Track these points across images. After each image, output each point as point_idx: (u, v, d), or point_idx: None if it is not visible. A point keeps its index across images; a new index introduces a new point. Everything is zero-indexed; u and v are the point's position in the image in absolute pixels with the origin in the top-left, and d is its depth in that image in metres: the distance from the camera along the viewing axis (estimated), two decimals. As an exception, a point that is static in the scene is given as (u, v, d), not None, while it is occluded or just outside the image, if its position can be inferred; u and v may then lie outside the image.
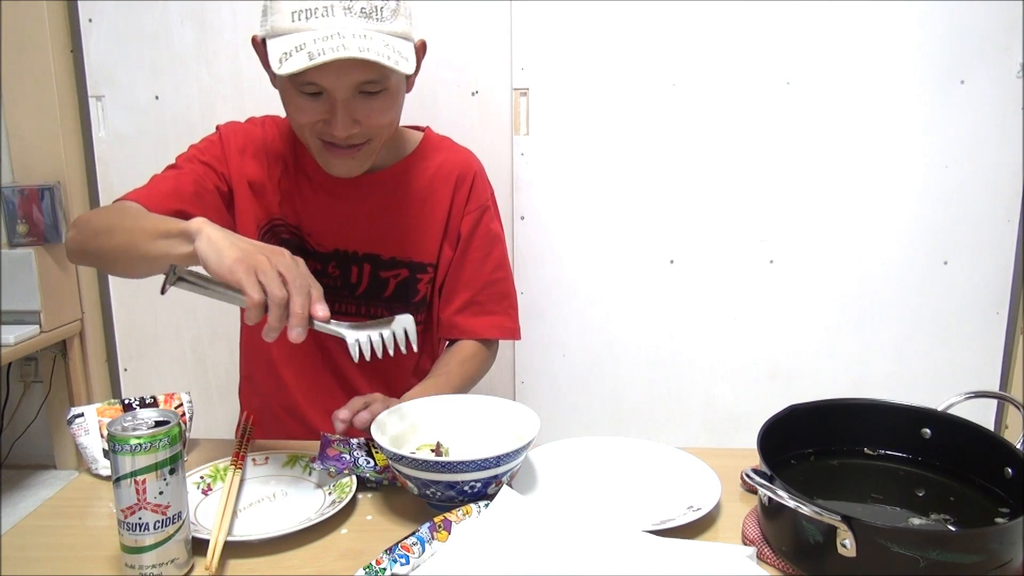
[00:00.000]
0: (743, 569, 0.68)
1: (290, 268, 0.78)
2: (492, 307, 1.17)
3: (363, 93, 0.96)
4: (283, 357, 1.12)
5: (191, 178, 1.03)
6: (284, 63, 0.87)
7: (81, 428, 0.92)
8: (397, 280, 1.12)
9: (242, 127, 1.12)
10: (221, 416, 1.99)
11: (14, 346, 1.81)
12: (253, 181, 1.09)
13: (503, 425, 0.90)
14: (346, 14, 0.89)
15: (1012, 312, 1.86)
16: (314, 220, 1.10)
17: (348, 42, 0.88)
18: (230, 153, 1.08)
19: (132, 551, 0.68)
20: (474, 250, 1.15)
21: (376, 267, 1.11)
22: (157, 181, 1.03)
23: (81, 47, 1.90)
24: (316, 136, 1.00)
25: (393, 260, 1.12)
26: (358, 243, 1.11)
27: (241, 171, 1.09)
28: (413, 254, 1.12)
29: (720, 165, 1.83)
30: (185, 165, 1.06)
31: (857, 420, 0.85)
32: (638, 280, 1.89)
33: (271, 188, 1.10)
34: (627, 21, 1.78)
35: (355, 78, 0.93)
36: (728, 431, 1.95)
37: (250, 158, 1.09)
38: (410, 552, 0.69)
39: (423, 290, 1.14)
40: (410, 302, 1.13)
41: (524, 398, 1.96)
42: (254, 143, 1.10)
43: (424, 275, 1.14)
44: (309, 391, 1.13)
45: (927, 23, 1.73)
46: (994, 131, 1.77)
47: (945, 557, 0.61)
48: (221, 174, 1.07)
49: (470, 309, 1.16)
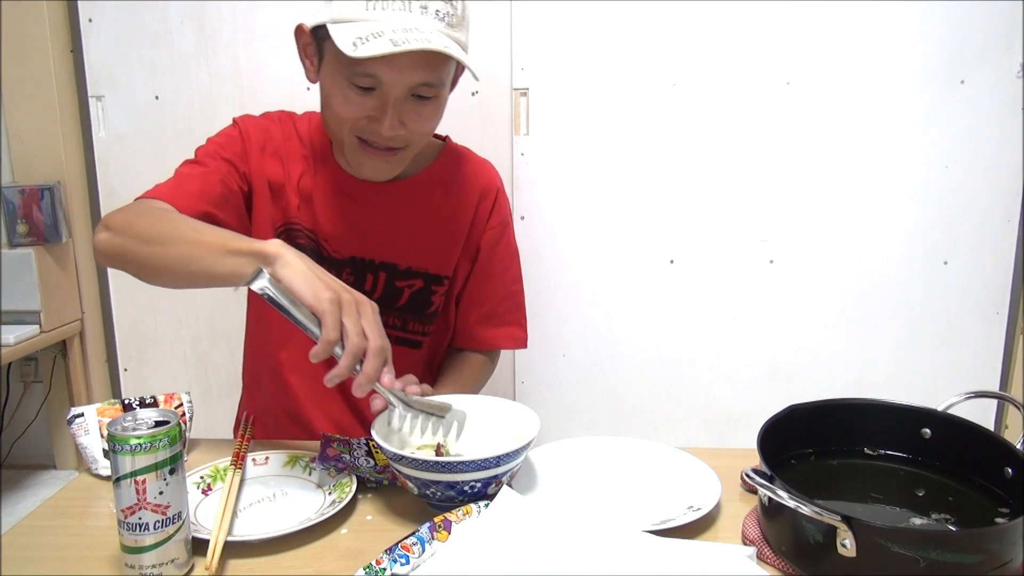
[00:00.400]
0: (743, 569, 0.68)
1: (372, 323, 0.77)
2: (508, 318, 1.20)
3: (415, 96, 0.95)
4: (290, 363, 1.10)
5: (218, 178, 1.00)
6: (360, 47, 0.85)
7: (81, 428, 0.92)
8: (412, 290, 1.11)
9: (261, 123, 1.09)
10: (221, 416, 1.97)
11: (14, 346, 1.81)
12: (272, 181, 1.06)
13: (503, 425, 0.90)
14: (422, 13, 0.89)
15: (1012, 312, 1.86)
16: (332, 225, 1.07)
17: (431, 36, 0.87)
18: (251, 151, 1.05)
19: (132, 551, 0.68)
20: (496, 264, 1.17)
21: (392, 276, 1.10)
22: (184, 179, 1.00)
23: (81, 47, 1.90)
24: (354, 133, 0.98)
25: (409, 270, 1.10)
26: (375, 251, 1.09)
27: (261, 170, 1.06)
28: (430, 265, 1.11)
29: (720, 165, 1.83)
30: (210, 162, 1.02)
31: (857, 420, 0.85)
32: (638, 280, 1.89)
33: (290, 189, 1.07)
34: (627, 21, 1.78)
35: (416, 78, 0.92)
36: (728, 431, 1.95)
37: (270, 156, 1.06)
38: (410, 552, 0.69)
39: (436, 302, 1.13)
40: (423, 313, 1.12)
41: (524, 398, 1.96)
42: (273, 141, 1.07)
43: (439, 287, 1.13)
44: (313, 398, 1.11)
45: (927, 23, 1.73)
46: (994, 131, 1.77)
47: (945, 557, 0.61)
48: (243, 173, 1.04)
49: (489, 321, 1.18)
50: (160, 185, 0.99)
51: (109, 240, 0.92)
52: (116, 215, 0.93)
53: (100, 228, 0.93)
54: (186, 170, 1.02)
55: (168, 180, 1.00)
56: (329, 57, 0.94)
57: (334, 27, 0.89)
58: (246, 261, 0.80)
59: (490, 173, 1.17)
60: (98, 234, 0.93)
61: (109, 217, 0.94)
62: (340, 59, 0.89)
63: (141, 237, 0.89)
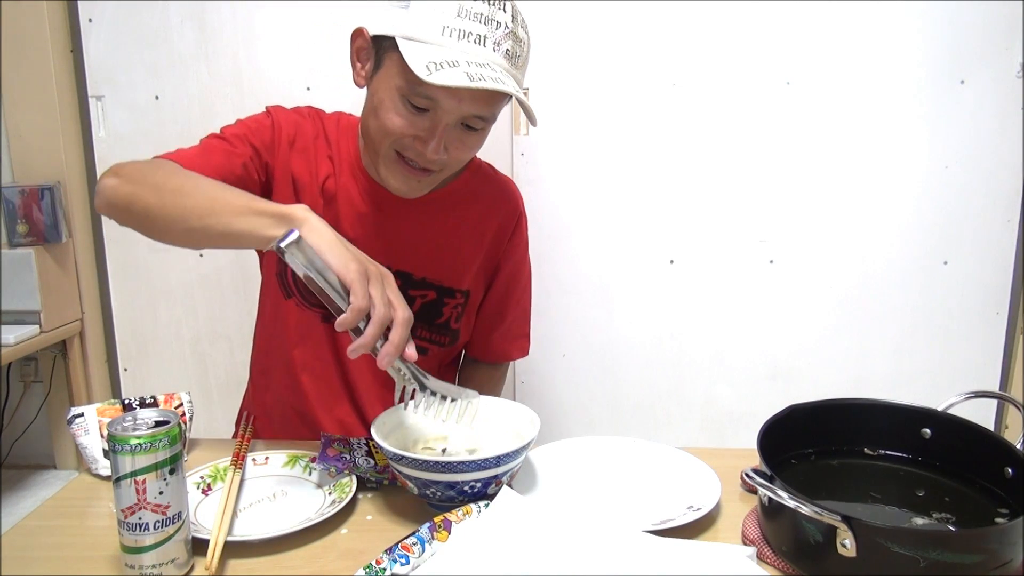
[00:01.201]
0: (743, 569, 0.68)
1: (396, 294, 0.78)
2: (520, 331, 1.26)
3: (465, 125, 0.95)
4: (303, 362, 1.10)
5: (241, 160, 0.99)
6: (435, 72, 0.84)
7: (81, 428, 0.92)
8: (424, 300, 1.10)
9: (293, 117, 1.07)
10: (221, 416, 1.98)
11: (14, 346, 1.81)
12: (297, 178, 1.05)
13: (503, 425, 0.90)
14: (495, 50, 0.89)
15: (1012, 312, 1.86)
16: (353, 230, 1.06)
17: (503, 76, 0.87)
18: (280, 143, 1.04)
19: (132, 551, 0.68)
20: (515, 283, 1.21)
21: (405, 285, 1.09)
22: (209, 150, 0.97)
23: (81, 47, 1.90)
24: (395, 148, 0.97)
25: (423, 281, 1.10)
26: (392, 259, 1.07)
27: (287, 165, 1.04)
28: (444, 278, 1.11)
29: (720, 165, 1.83)
30: (237, 144, 1.00)
31: (857, 420, 0.85)
32: (638, 280, 1.89)
33: (314, 189, 1.05)
34: (627, 21, 1.78)
35: (473, 110, 0.92)
36: (728, 431, 1.95)
37: (298, 152, 1.05)
38: (410, 552, 0.69)
39: (447, 314, 1.13)
40: (432, 323, 1.12)
41: (524, 398, 1.96)
42: (304, 138, 1.06)
43: (452, 300, 1.13)
44: (323, 399, 1.11)
45: (927, 23, 1.73)
46: (994, 131, 1.77)
47: (945, 557, 0.61)
48: (265, 164, 1.03)
49: (505, 335, 1.23)
50: (183, 150, 0.96)
51: (117, 187, 0.88)
52: (128, 165, 0.90)
53: (108, 175, 0.89)
54: (212, 143, 1.00)
55: (191, 147, 0.98)
56: (390, 69, 0.92)
57: (406, 44, 0.87)
58: (270, 222, 0.79)
59: (514, 195, 1.19)
60: (105, 179, 0.89)
61: (120, 165, 0.90)
62: (403, 75, 0.88)
63: (155, 186, 0.86)
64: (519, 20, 0.92)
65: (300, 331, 1.08)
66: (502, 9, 0.90)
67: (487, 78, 0.85)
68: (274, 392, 1.14)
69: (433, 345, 1.13)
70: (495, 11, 0.89)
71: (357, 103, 1.02)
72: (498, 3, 0.89)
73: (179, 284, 1.99)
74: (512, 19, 0.91)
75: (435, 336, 1.13)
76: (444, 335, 1.14)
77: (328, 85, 1.85)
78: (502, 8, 0.90)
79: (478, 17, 0.88)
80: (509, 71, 0.91)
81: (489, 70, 0.87)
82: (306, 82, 1.87)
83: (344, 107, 1.13)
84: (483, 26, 0.88)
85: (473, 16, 0.88)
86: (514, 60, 0.92)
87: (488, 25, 0.88)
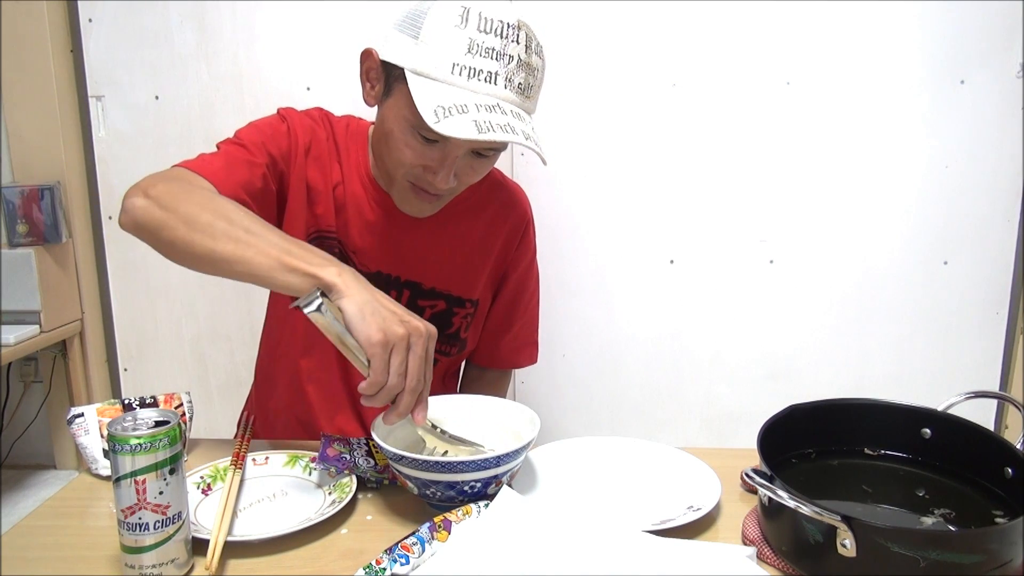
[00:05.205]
0: (743, 569, 0.68)
1: (418, 359, 0.77)
2: (528, 339, 1.26)
3: (475, 153, 0.94)
4: (309, 372, 1.09)
5: (260, 172, 0.97)
6: (443, 120, 0.83)
7: (81, 428, 0.92)
8: (433, 311, 1.10)
9: (307, 123, 1.04)
10: (221, 416, 1.99)
11: (14, 346, 1.81)
12: (312, 187, 1.03)
13: (503, 425, 0.90)
14: (506, 87, 0.87)
15: (1012, 312, 1.86)
16: (362, 239, 1.05)
17: (513, 122, 0.86)
18: (297, 152, 1.02)
19: (132, 551, 0.68)
20: (523, 291, 1.21)
21: (415, 295, 1.09)
22: (232, 164, 0.94)
23: (81, 47, 1.90)
24: (408, 178, 0.97)
25: (433, 290, 1.09)
26: (402, 269, 1.07)
27: (303, 174, 1.02)
28: (453, 288, 1.11)
29: (720, 165, 1.83)
30: (257, 153, 0.97)
31: (857, 420, 0.85)
32: (638, 280, 1.89)
33: (326, 196, 1.04)
34: (627, 21, 1.78)
35: (483, 144, 0.91)
36: (728, 431, 1.95)
37: (313, 161, 1.03)
38: (410, 552, 0.69)
39: (457, 323, 1.13)
40: (442, 334, 1.10)
41: (524, 398, 1.96)
42: (318, 145, 1.04)
43: (461, 309, 1.12)
44: (327, 409, 1.11)
45: (927, 23, 1.73)
46: (994, 131, 1.77)
47: (945, 557, 0.61)
48: (280, 173, 1.01)
49: (513, 343, 1.23)
50: (206, 159, 0.94)
51: (148, 209, 0.84)
52: (159, 184, 0.86)
53: (137, 192, 0.86)
54: (234, 153, 0.96)
55: (214, 156, 0.95)
56: (400, 99, 0.90)
57: (416, 80, 0.86)
58: (303, 282, 0.78)
59: (522, 202, 1.18)
60: (134, 198, 0.85)
61: (149, 184, 0.86)
62: (412, 108, 0.86)
63: (186, 219, 0.82)
64: (533, 47, 0.89)
65: (308, 340, 1.07)
66: (515, 40, 0.87)
67: (495, 126, 0.83)
68: (278, 399, 1.14)
69: (441, 356, 1.13)
70: (508, 44, 0.86)
71: (357, 102, 1.02)
72: (512, 32, 0.86)
73: (179, 284, 1.99)
74: (526, 49, 0.88)
75: (444, 347, 1.12)
76: (453, 345, 1.14)
77: (328, 85, 1.86)
78: (515, 40, 0.87)
79: (490, 53, 0.85)
80: (521, 105, 0.89)
81: (499, 114, 0.85)
82: (306, 82, 1.87)
83: (344, 107, 1.12)
84: (495, 62, 0.86)
85: (484, 52, 0.85)
86: (526, 91, 0.90)
87: (500, 61, 0.86)
